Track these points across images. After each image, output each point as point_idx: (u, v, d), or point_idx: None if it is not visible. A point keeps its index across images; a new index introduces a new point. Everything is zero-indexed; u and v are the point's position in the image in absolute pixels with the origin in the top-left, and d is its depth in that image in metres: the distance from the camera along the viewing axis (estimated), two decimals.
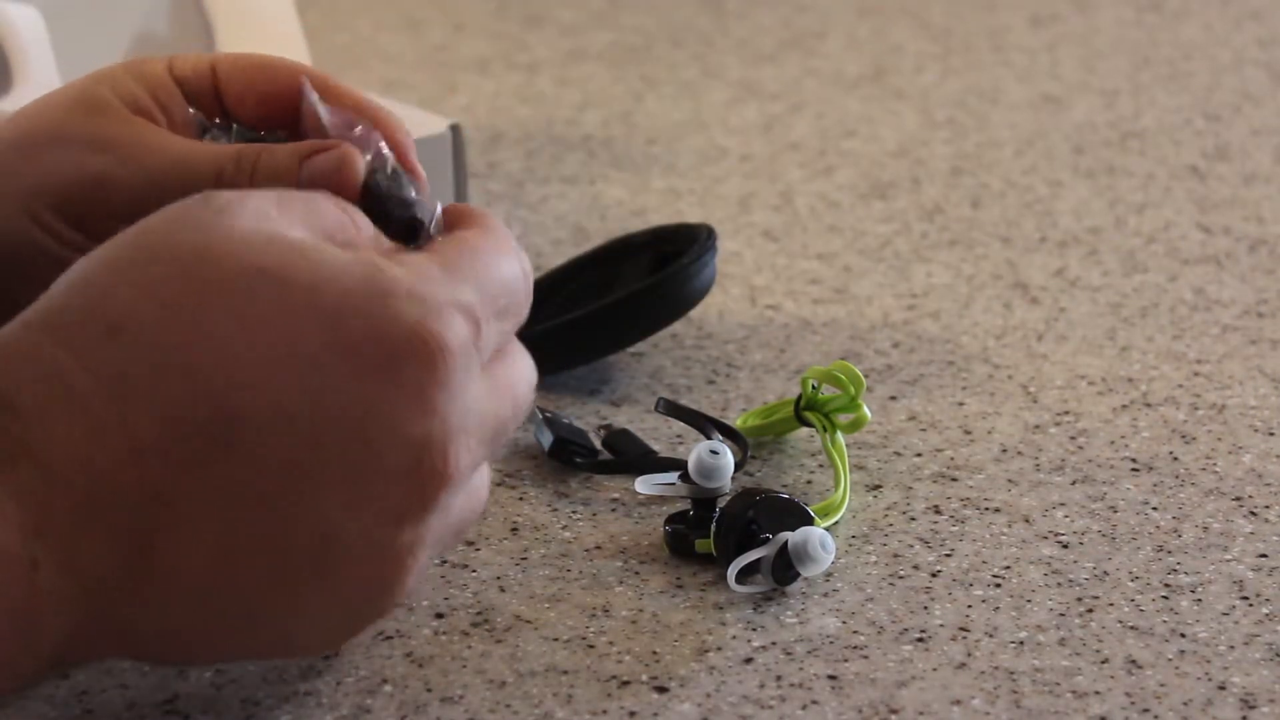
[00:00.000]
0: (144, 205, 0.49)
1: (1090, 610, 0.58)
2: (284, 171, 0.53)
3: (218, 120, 0.57)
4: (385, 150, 0.54)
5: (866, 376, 0.70)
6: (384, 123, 0.55)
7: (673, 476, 0.62)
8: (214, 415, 0.45)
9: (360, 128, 0.54)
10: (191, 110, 0.56)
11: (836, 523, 0.63)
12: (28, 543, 0.44)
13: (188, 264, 0.46)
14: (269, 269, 0.46)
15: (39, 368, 0.45)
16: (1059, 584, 0.60)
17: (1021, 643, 0.56)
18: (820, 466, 0.67)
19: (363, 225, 0.50)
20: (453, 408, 0.47)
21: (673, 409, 0.67)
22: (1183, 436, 0.70)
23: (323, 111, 0.55)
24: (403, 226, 0.52)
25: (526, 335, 0.53)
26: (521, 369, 0.51)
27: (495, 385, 0.50)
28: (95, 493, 0.45)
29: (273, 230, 0.47)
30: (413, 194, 0.52)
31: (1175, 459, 0.68)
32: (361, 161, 0.53)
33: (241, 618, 0.47)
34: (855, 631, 0.57)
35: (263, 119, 0.56)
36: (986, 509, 0.64)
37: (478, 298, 0.48)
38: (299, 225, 0.48)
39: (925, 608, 0.58)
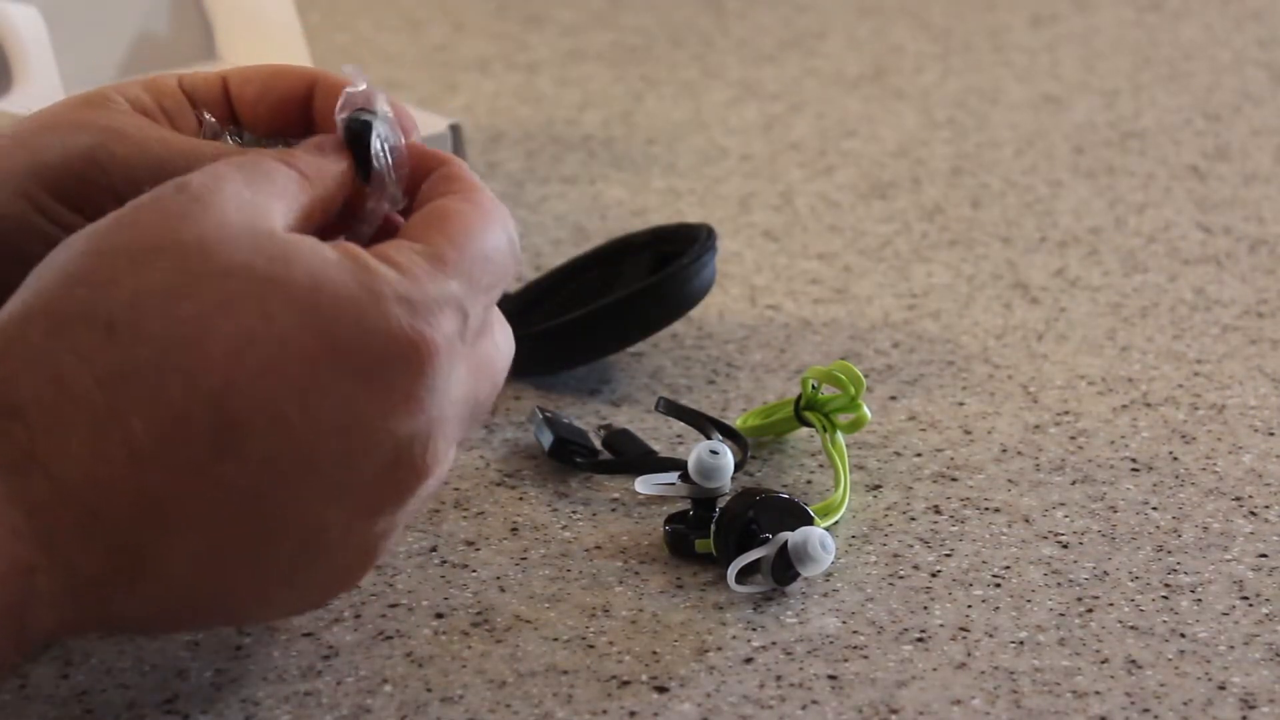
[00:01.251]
0: (141, 186, 0.50)
1: (1090, 610, 0.58)
2: None
3: (231, 128, 0.57)
4: (380, 103, 0.54)
5: (866, 376, 0.70)
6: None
7: (673, 476, 0.62)
8: (212, 420, 0.45)
9: (364, 86, 0.54)
10: (207, 116, 0.56)
11: (836, 523, 0.63)
12: (28, 550, 0.45)
13: (187, 260, 0.46)
14: (267, 273, 0.46)
15: (43, 370, 0.45)
16: (1059, 584, 0.60)
17: (1021, 643, 0.56)
18: (820, 466, 0.67)
19: (310, 170, 0.51)
20: (436, 403, 0.48)
21: (673, 409, 0.67)
22: (1183, 436, 0.70)
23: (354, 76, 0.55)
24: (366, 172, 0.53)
25: (527, 335, 0.53)
26: (501, 341, 0.52)
27: (476, 365, 0.50)
28: (97, 502, 0.45)
29: (260, 223, 0.47)
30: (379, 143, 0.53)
31: (1175, 459, 0.68)
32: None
33: (222, 607, 0.49)
34: (855, 631, 0.57)
35: (274, 127, 0.56)
36: (986, 509, 0.64)
37: (465, 287, 0.49)
38: (276, 203, 0.48)
39: (925, 608, 0.58)
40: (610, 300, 0.72)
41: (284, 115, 0.56)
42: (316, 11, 1.30)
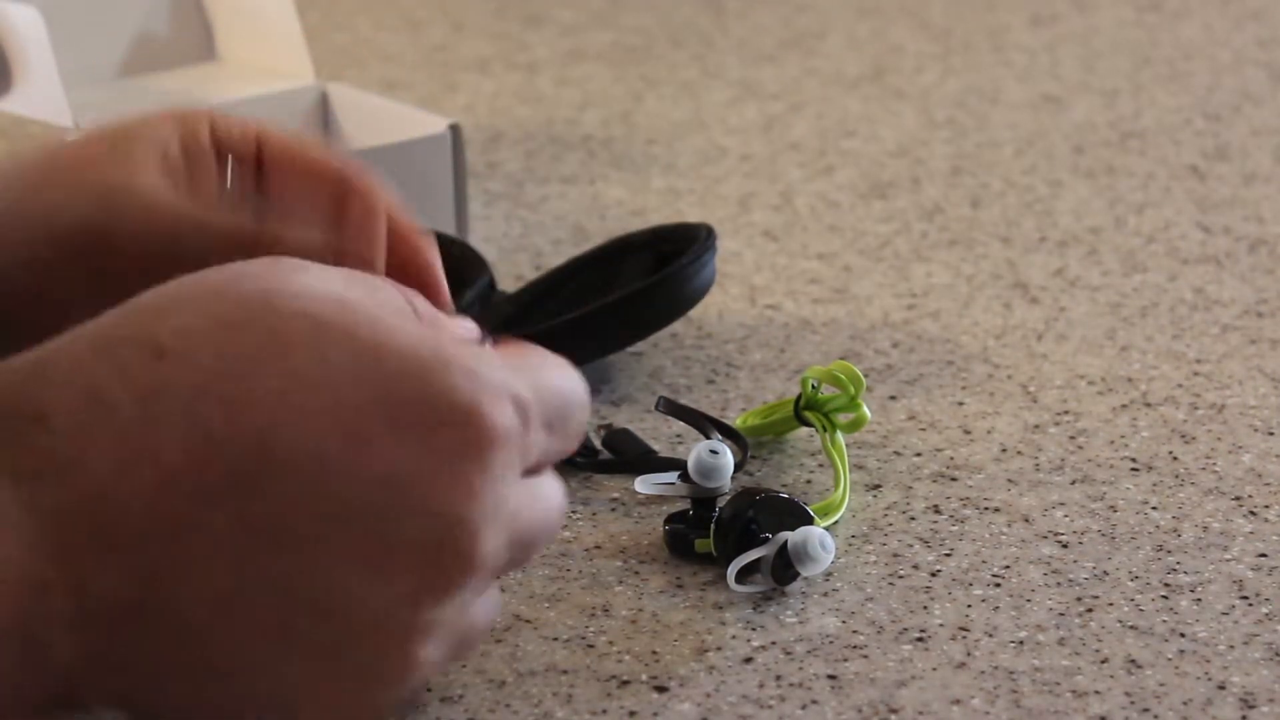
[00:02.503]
0: (150, 256, 0.50)
1: (1090, 610, 0.58)
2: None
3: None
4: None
5: (866, 376, 0.69)
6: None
7: (672, 476, 0.62)
8: (246, 450, 0.44)
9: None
10: (230, 173, 0.56)
11: (836, 522, 0.63)
12: (41, 564, 0.43)
13: (251, 305, 0.45)
14: (334, 323, 0.45)
15: (78, 381, 0.44)
16: (1059, 584, 0.60)
17: (1021, 642, 0.56)
18: (820, 466, 0.67)
19: (422, 309, 0.49)
20: (490, 493, 0.45)
21: (673, 408, 0.67)
22: (1182, 436, 0.70)
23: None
24: None
25: (527, 336, 0.53)
26: (555, 493, 0.50)
27: (533, 495, 0.48)
28: (116, 520, 0.43)
29: (341, 294, 0.46)
30: None
31: (1175, 459, 0.68)
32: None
33: (239, 671, 0.45)
34: (855, 631, 0.57)
35: (296, 203, 0.56)
36: (986, 509, 0.64)
37: (533, 396, 0.47)
38: (365, 298, 0.47)
39: (925, 607, 0.58)
40: (610, 300, 0.72)
41: (308, 195, 0.56)
42: (316, 11, 1.30)
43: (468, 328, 0.51)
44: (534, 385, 0.47)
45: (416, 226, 0.58)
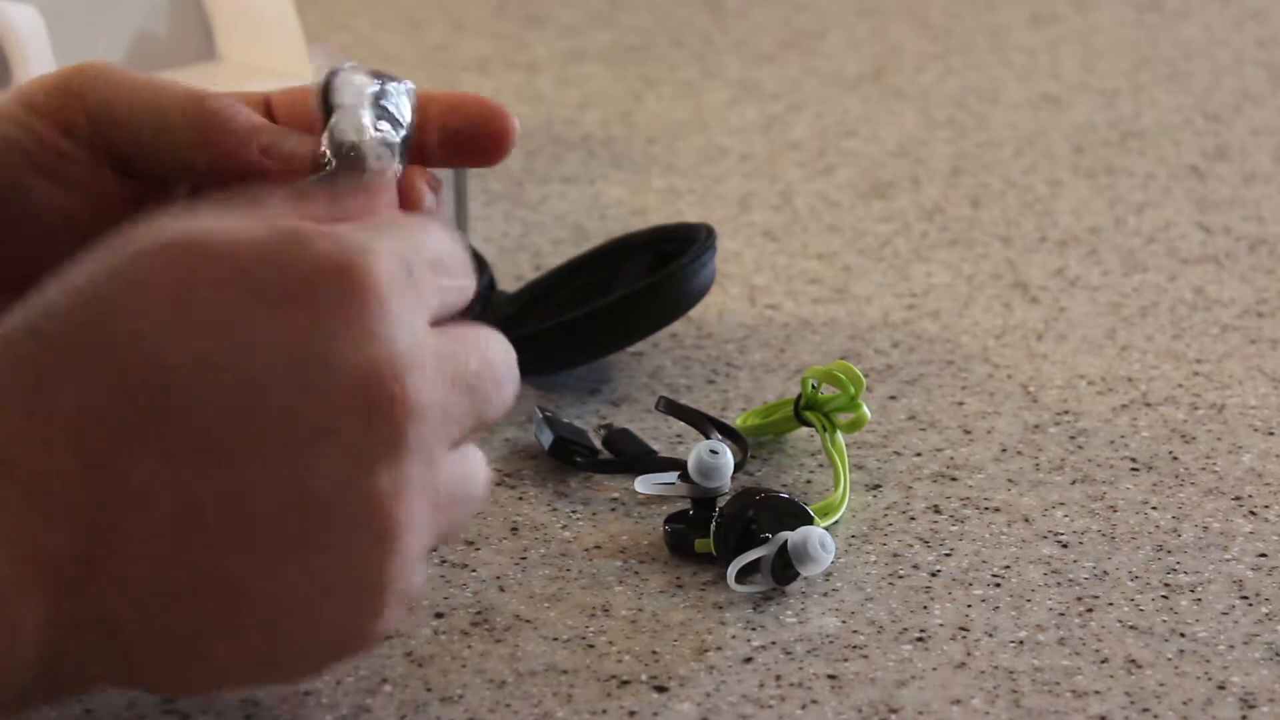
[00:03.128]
0: (131, 111, 0.52)
1: (1090, 610, 0.58)
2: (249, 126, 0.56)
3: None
4: (394, 90, 0.53)
5: (866, 376, 0.70)
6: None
7: (672, 476, 0.62)
8: (139, 381, 0.44)
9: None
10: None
11: (836, 522, 0.63)
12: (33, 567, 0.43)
13: (111, 251, 0.46)
14: (186, 240, 0.45)
15: None
16: (1059, 584, 0.60)
17: (1021, 642, 0.57)
18: (820, 466, 0.67)
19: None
20: (396, 334, 0.45)
21: (673, 408, 0.67)
22: (1182, 436, 0.70)
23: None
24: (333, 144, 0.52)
25: (527, 335, 0.53)
26: (489, 337, 0.49)
27: (455, 337, 0.48)
28: (38, 477, 0.43)
29: (199, 222, 0.47)
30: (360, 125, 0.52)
31: (1175, 459, 0.68)
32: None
33: (223, 600, 0.45)
34: (855, 631, 0.57)
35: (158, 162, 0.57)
36: (986, 509, 0.64)
37: (402, 244, 0.47)
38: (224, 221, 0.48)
39: (925, 607, 0.58)
40: (610, 300, 0.72)
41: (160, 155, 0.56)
42: (316, 11, 1.30)
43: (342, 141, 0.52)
44: (401, 236, 0.47)
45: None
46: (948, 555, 0.61)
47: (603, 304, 0.72)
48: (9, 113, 0.55)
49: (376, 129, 0.53)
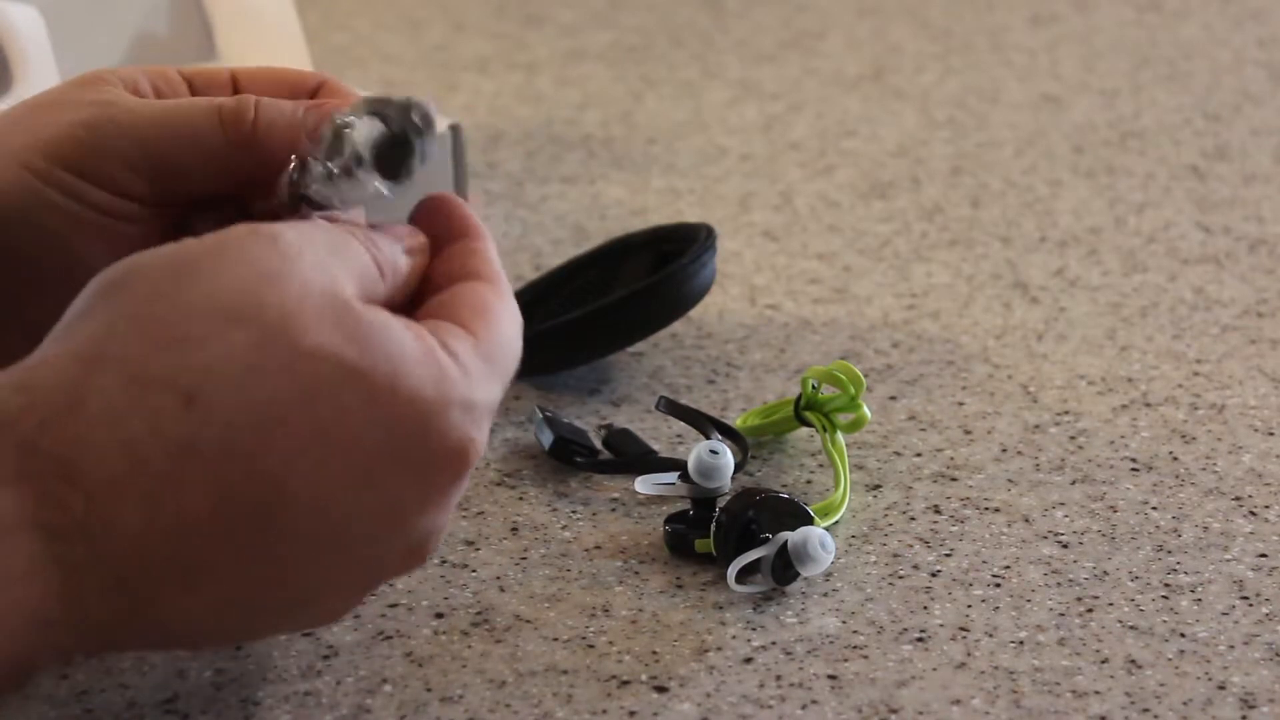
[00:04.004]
0: (146, 145, 0.51)
1: (1090, 610, 0.58)
2: (286, 117, 0.54)
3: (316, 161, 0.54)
4: (415, 109, 0.53)
5: (866, 376, 0.70)
6: None
7: (673, 476, 0.62)
8: (263, 497, 0.46)
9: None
10: (293, 159, 0.55)
11: (836, 523, 0.63)
12: (50, 604, 0.44)
13: (268, 335, 0.46)
14: (347, 360, 0.46)
15: (115, 434, 0.45)
16: (1059, 584, 0.60)
17: (1021, 643, 0.56)
18: (820, 466, 0.67)
19: (384, 259, 0.51)
20: (457, 497, 0.50)
21: (673, 408, 0.67)
22: (1183, 436, 0.70)
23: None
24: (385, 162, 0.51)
25: (527, 336, 0.53)
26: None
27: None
28: (134, 571, 0.45)
29: (339, 291, 0.47)
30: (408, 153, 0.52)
31: (1175, 459, 0.68)
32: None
33: (221, 638, 0.50)
34: (855, 631, 0.57)
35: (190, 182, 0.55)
36: (986, 509, 0.64)
37: (502, 388, 0.50)
38: (352, 279, 0.49)
39: (925, 608, 0.58)
40: (610, 300, 0.72)
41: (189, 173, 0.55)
42: (316, 11, 1.30)
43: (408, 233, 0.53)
44: (504, 367, 0.51)
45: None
46: (948, 555, 0.61)
47: (603, 304, 0.72)
48: (20, 158, 0.54)
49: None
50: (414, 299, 0.52)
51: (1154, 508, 0.64)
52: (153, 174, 0.53)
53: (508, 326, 0.51)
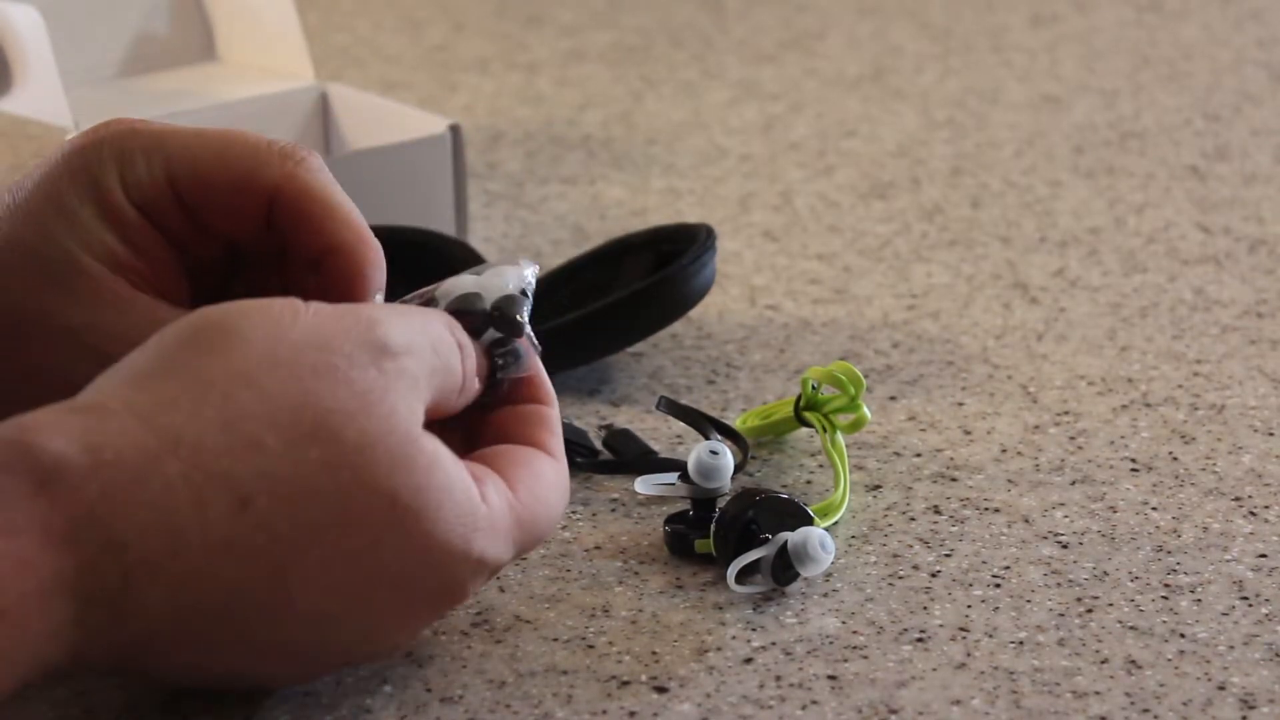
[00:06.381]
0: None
1: (1090, 610, 0.58)
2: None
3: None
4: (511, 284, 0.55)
5: (866, 376, 0.69)
6: None
7: (673, 476, 0.62)
8: (275, 602, 0.48)
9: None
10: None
11: (836, 523, 0.63)
12: (62, 658, 0.46)
13: (342, 460, 0.47)
14: (404, 504, 0.48)
15: (165, 520, 0.46)
16: (1059, 584, 0.60)
17: (1021, 643, 0.56)
18: (820, 466, 0.67)
19: (469, 380, 0.53)
20: (478, 585, 0.52)
21: (673, 408, 0.67)
22: (1182, 436, 0.70)
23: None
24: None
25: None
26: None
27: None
28: (145, 633, 0.47)
29: (413, 430, 0.49)
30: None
31: (1175, 459, 0.68)
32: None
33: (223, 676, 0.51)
34: (855, 631, 0.57)
35: (234, 220, 0.55)
36: (986, 509, 0.64)
37: (518, 553, 0.53)
38: (432, 391, 0.50)
39: (925, 608, 0.58)
40: (610, 300, 0.72)
41: (239, 207, 0.54)
42: (316, 11, 1.30)
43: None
44: (533, 537, 0.53)
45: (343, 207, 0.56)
46: (948, 556, 0.61)
47: (603, 304, 0.72)
48: (129, 232, 0.54)
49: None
50: (472, 428, 0.55)
51: (1154, 508, 0.64)
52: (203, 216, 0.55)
53: (551, 504, 0.53)
